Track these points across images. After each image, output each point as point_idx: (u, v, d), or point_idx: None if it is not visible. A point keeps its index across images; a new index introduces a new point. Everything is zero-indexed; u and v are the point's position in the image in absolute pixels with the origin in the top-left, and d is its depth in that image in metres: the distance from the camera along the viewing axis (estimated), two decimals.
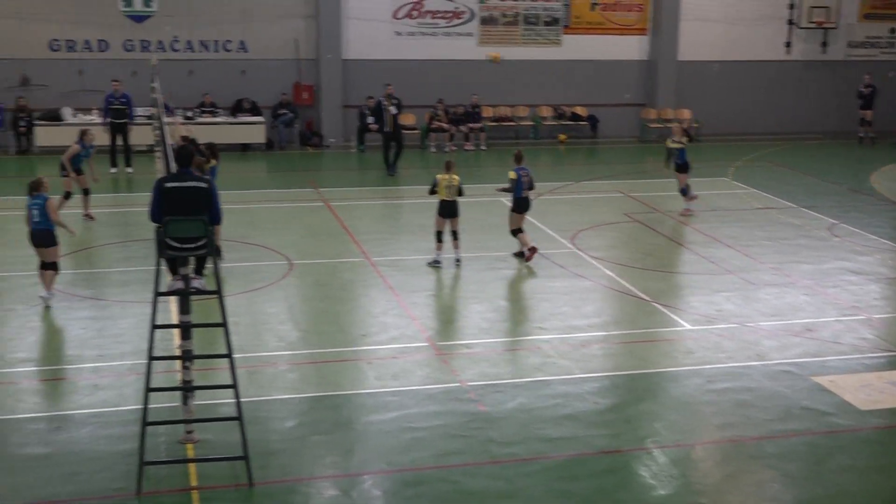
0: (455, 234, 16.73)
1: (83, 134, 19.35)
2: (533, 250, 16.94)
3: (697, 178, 22.07)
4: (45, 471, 9.75)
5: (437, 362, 12.70)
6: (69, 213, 17.83)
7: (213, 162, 16.56)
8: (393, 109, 24.72)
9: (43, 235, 14.28)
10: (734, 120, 31.82)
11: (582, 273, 16.58)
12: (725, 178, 24.93)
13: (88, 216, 19.22)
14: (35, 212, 14.24)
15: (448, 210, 16.68)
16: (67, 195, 18.87)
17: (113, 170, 24.03)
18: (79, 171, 19.16)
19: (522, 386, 12.01)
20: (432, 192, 16.75)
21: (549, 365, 12.69)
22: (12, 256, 16.65)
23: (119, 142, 24.27)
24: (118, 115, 24.22)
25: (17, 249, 16.87)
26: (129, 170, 24.17)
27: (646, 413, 11.42)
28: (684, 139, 20.85)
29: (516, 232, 17.11)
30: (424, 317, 14.39)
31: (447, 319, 14.58)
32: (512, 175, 17.00)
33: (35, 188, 14.32)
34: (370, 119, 26.66)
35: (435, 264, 16.58)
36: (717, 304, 15.15)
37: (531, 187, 17.08)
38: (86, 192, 19.28)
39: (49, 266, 14.38)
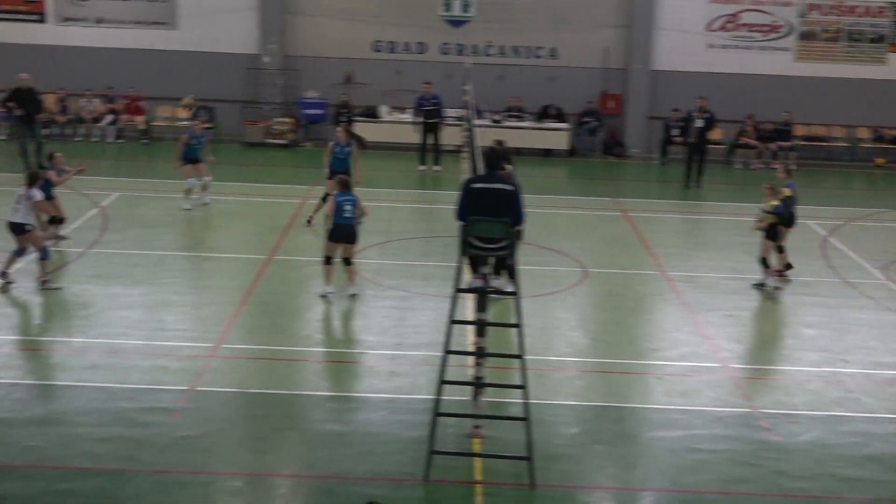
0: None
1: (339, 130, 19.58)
2: (788, 267, 16.42)
3: None
4: (342, 448, 10.32)
5: (730, 385, 12.34)
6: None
7: (508, 167, 16.80)
8: (699, 122, 24.25)
9: (352, 230, 15.00)
10: None
11: (893, 307, 15.57)
12: None
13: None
14: (348, 207, 14.95)
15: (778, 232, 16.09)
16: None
17: (422, 167, 25.05)
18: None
19: (820, 419, 11.45)
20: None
21: (850, 400, 12.02)
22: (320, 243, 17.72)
23: (430, 140, 25.28)
24: (430, 115, 25.23)
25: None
26: (437, 168, 25.09)
27: None
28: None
29: (781, 248, 16.46)
30: (719, 337, 14.00)
31: (744, 342, 14.10)
32: (787, 192, 16.31)
33: (347, 185, 15.20)
34: (675, 131, 26.28)
35: (763, 287, 15.86)
36: None
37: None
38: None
39: (350, 261, 15.07)
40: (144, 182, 22.29)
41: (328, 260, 14.98)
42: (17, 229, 14.58)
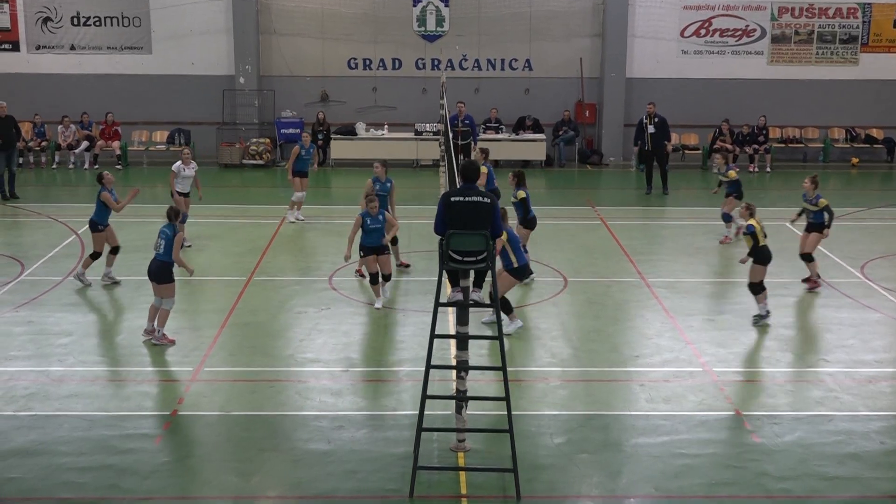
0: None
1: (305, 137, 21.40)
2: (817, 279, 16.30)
3: None
4: (326, 467, 10.28)
5: (712, 389, 12.37)
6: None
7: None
8: (651, 128, 24.40)
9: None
10: None
11: (872, 305, 15.66)
12: None
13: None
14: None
15: (770, 256, 14.82)
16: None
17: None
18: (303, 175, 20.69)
19: (802, 419, 11.49)
20: (756, 250, 14.66)
21: (831, 399, 12.07)
22: (313, 261, 17.73)
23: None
24: (461, 136, 25.07)
25: (312, 256, 17.97)
26: None
27: None
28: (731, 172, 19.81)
29: (809, 257, 16.44)
30: (700, 341, 14.05)
31: (724, 345, 14.12)
32: (824, 202, 16.41)
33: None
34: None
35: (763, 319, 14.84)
36: None
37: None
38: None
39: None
40: None
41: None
42: None
